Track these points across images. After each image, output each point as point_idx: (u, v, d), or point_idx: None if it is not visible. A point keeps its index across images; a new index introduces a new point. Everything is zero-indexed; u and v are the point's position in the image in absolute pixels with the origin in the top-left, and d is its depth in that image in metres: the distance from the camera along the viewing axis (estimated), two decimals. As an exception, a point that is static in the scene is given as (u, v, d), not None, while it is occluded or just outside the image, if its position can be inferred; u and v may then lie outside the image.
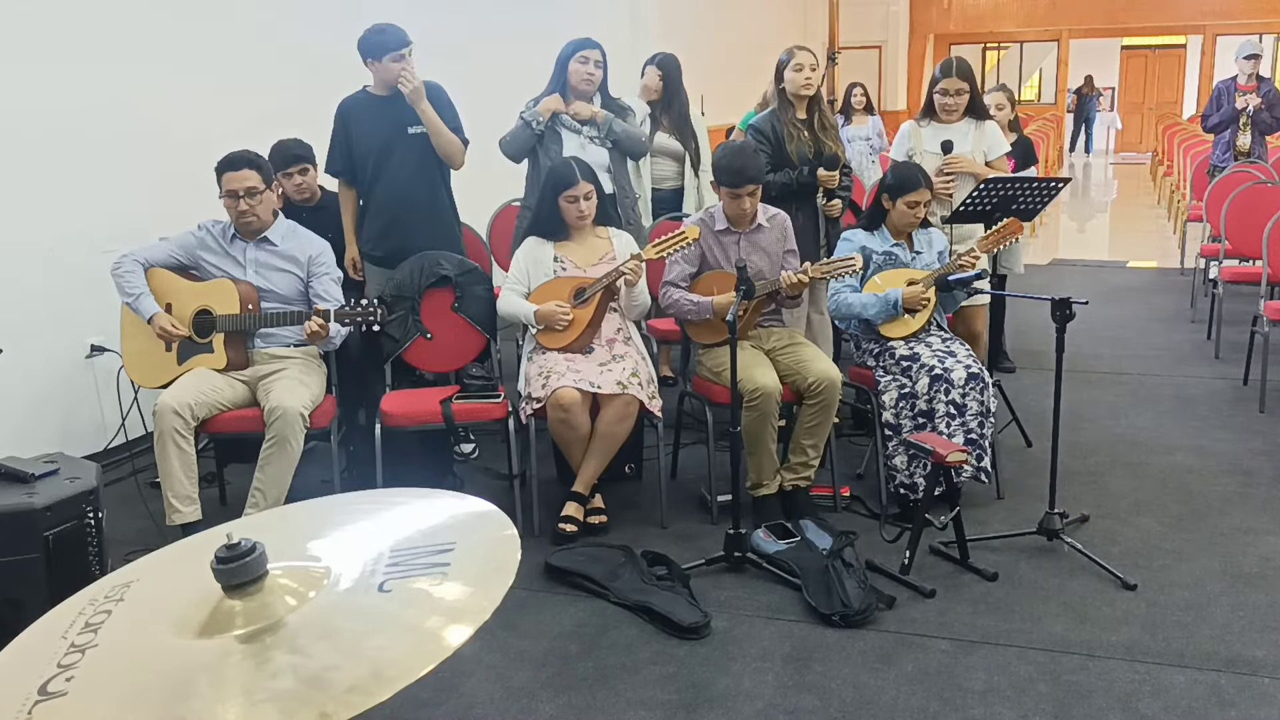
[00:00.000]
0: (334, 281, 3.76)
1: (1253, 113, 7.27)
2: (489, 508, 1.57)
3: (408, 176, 4.09)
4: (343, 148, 4.14)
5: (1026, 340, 6.12)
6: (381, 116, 4.06)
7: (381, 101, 4.06)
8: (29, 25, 4.10)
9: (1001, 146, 4.66)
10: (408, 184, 4.09)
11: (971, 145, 4.56)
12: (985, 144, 4.59)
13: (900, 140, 4.72)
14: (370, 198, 4.16)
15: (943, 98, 4.55)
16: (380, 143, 4.07)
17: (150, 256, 3.69)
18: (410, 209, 4.11)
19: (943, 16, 17.74)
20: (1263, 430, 4.60)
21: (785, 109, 4.34)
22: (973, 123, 4.60)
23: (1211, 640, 2.90)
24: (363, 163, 4.11)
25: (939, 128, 4.59)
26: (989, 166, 4.57)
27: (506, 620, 3.09)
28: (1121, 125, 21.86)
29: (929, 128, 4.62)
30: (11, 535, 2.62)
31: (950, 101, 4.54)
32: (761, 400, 3.55)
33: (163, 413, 3.36)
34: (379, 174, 4.10)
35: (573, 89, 4.35)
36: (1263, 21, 15.90)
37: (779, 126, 4.30)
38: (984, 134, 4.60)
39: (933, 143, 4.56)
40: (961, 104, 4.55)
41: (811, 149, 4.26)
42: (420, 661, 1.21)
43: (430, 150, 4.07)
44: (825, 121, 4.38)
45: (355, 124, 4.10)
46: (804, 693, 2.71)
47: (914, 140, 4.62)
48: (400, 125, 4.04)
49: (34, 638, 1.45)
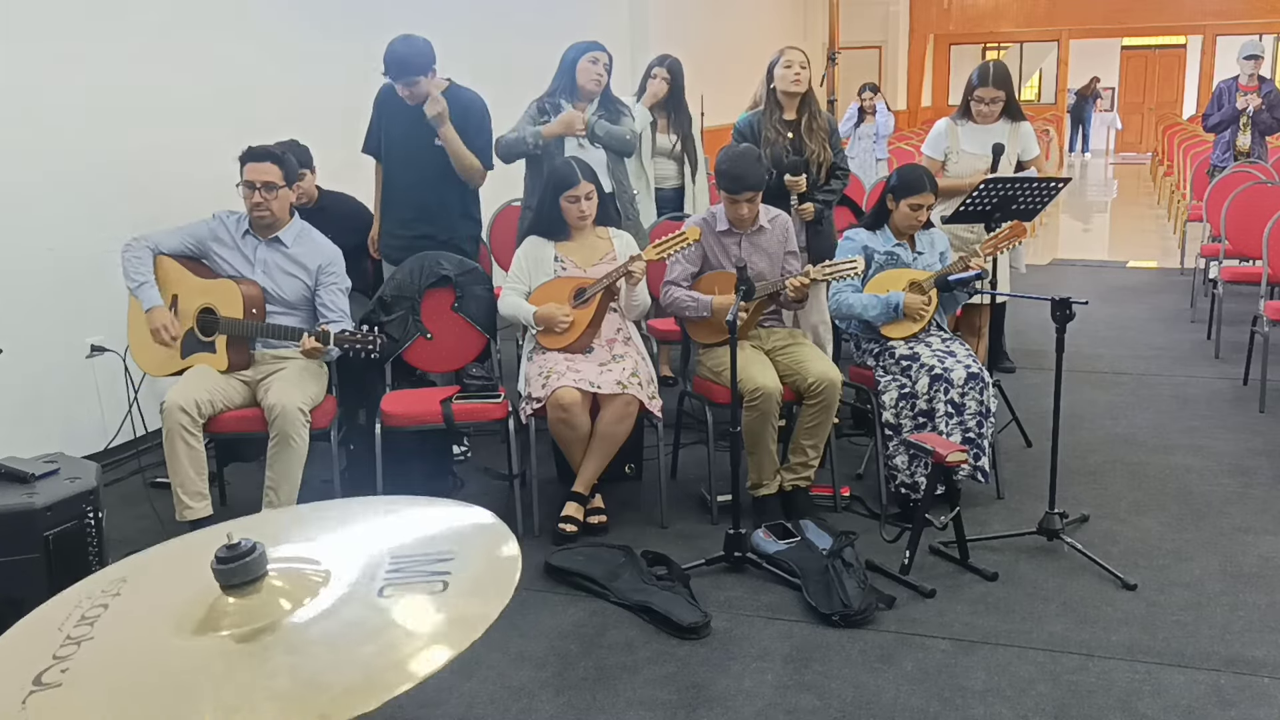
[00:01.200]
0: (341, 292, 3.74)
1: (1253, 113, 7.27)
2: (491, 519, 1.57)
3: (424, 187, 4.09)
4: (376, 131, 4.19)
5: (1026, 340, 6.12)
6: (408, 121, 4.05)
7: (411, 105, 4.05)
8: (29, 25, 4.10)
9: (1035, 148, 4.77)
10: (421, 193, 4.10)
11: (1008, 146, 4.67)
12: (1021, 145, 4.72)
13: (936, 138, 4.78)
14: (391, 189, 4.18)
15: (979, 105, 4.68)
16: (402, 147, 4.09)
17: (161, 242, 3.67)
18: (421, 218, 4.11)
19: (943, 16, 17.74)
20: (1263, 430, 4.60)
21: (772, 110, 4.34)
22: (1009, 123, 4.72)
23: (1211, 640, 2.90)
24: (389, 153, 4.17)
25: (974, 128, 4.68)
26: (1023, 166, 4.69)
27: (506, 620, 3.06)
28: (1121, 125, 21.86)
29: (965, 128, 4.71)
30: (11, 535, 2.62)
31: (987, 109, 4.67)
32: (762, 400, 3.56)
33: (170, 410, 3.36)
34: (397, 176, 4.13)
35: (581, 89, 4.36)
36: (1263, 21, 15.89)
37: (758, 128, 4.31)
38: (1019, 135, 4.72)
39: (970, 143, 4.66)
40: (997, 110, 4.68)
41: (789, 152, 4.25)
42: (415, 669, 1.21)
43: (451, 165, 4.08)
44: (816, 123, 4.37)
45: (387, 112, 4.12)
46: (804, 692, 2.71)
47: (951, 139, 4.72)
48: (426, 136, 4.02)
49: (30, 629, 1.45)
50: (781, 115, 4.32)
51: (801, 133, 4.32)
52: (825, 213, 4.40)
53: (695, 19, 10.59)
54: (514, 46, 7.06)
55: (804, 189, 4.24)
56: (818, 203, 4.31)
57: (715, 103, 8.68)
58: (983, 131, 4.67)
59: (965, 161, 4.62)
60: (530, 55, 5.44)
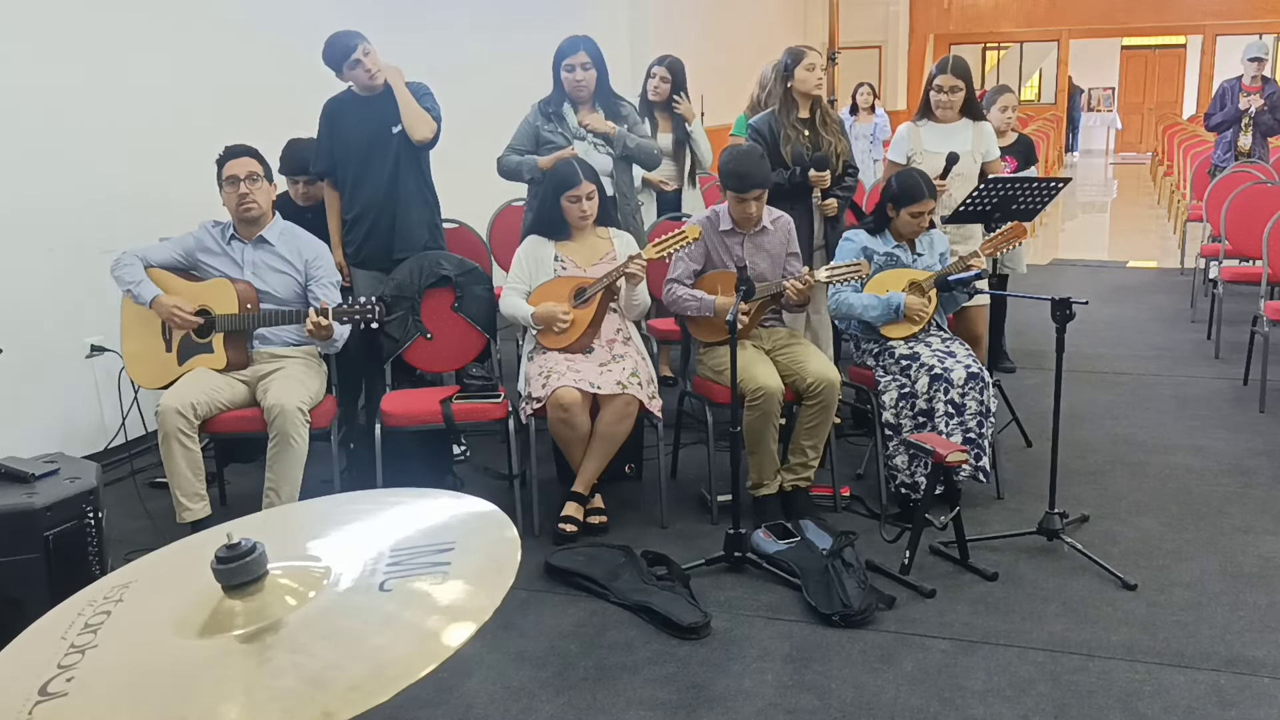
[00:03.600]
0: (333, 285, 3.76)
1: (1255, 114, 7.27)
2: (489, 508, 1.57)
3: (391, 175, 4.06)
4: (326, 149, 4.11)
5: (1026, 340, 6.12)
6: (365, 115, 4.04)
7: (365, 101, 4.04)
8: (30, 26, 4.10)
9: (996, 150, 4.67)
10: (391, 183, 4.07)
11: (971, 145, 4.55)
12: (983, 145, 4.59)
13: (899, 142, 4.70)
14: (354, 199, 4.10)
15: (938, 94, 4.52)
16: (364, 141, 4.04)
17: (150, 256, 3.68)
18: (393, 209, 4.08)
19: (943, 16, 17.73)
20: (1263, 430, 4.60)
21: (788, 109, 4.33)
22: (969, 123, 4.59)
23: (1211, 640, 2.90)
24: (344, 162, 4.07)
25: (936, 127, 4.58)
26: (986, 167, 4.57)
27: (506, 620, 3.09)
28: (1121, 125, 21.86)
29: (926, 128, 4.61)
30: (11, 535, 2.63)
31: (945, 98, 4.52)
32: (764, 400, 3.56)
33: (165, 413, 3.37)
34: (363, 174, 4.07)
35: (571, 96, 4.35)
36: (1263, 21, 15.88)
37: (776, 127, 4.30)
38: (981, 135, 4.60)
39: (933, 142, 4.55)
40: (957, 101, 4.53)
41: (810, 149, 4.25)
42: (421, 661, 1.21)
43: (413, 147, 4.05)
44: (828, 119, 4.37)
45: (339, 123, 4.08)
46: (804, 693, 2.71)
47: (913, 142, 4.60)
48: (384, 123, 4.01)
49: (33, 638, 1.45)
50: (797, 114, 4.32)
51: (817, 128, 4.32)
52: (843, 210, 4.40)
53: (695, 19, 10.59)
54: (513, 46, 7.06)
55: (828, 184, 4.24)
56: (838, 198, 4.32)
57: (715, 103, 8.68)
58: (945, 131, 4.56)
59: (930, 161, 4.51)
60: (530, 55, 5.42)
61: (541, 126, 4.29)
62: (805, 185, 4.22)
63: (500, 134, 4.39)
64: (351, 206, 4.12)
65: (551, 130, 4.28)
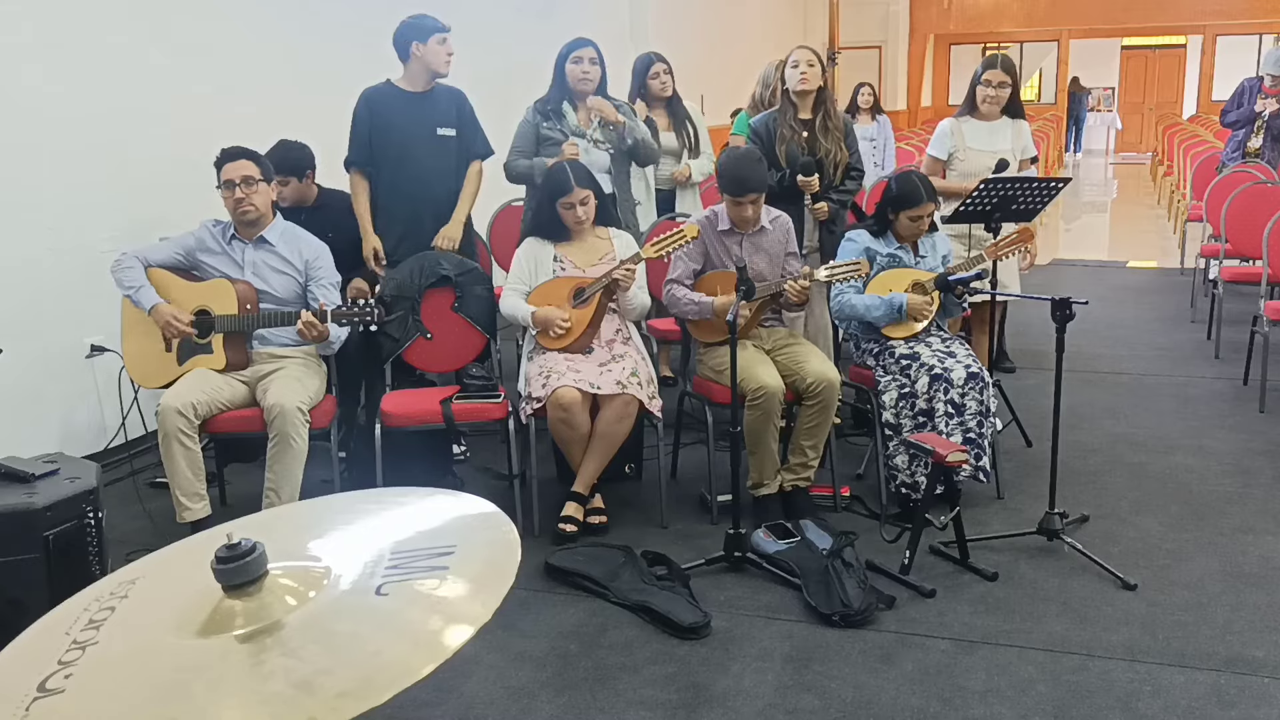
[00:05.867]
0: (332, 286, 3.75)
1: (1269, 117, 7.28)
2: (489, 508, 1.56)
3: (432, 178, 4.07)
4: (364, 138, 4.09)
5: (1026, 340, 6.12)
6: (410, 113, 4.02)
7: (410, 97, 4.02)
8: (30, 26, 4.10)
9: (1033, 147, 4.79)
10: (431, 185, 4.08)
11: (1010, 143, 4.69)
12: (1021, 143, 4.74)
13: (941, 138, 4.77)
14: (390, 196, 4.10)
15: (986, 88, 4.65)
16: (405, 139, 4.03)
17: (150, 256, 3.68)
18: (432, 211, 4.10)
19: (943, 16, 17.74)
20: (1263, 430, 4.60)
21: (787, 109, 4.33)
22: (1009, 121, 4.74)
23: (1211, 640, 2.90)
24: (382, 156, 4.06)
25: (978, 124, 4.67)
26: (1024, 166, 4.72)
27: (506, 620, 3.09)
28: (1121, 125, 21.86)
29: (969, 124, 4.70)
30: (11, 535, 2.62)
31: (993, 93, 4.64)
32: (765, 399, 3.56)
33: (165, 413, 3.36)
34: (400, 172, 4.06)
35: (572, 89, 4.34)
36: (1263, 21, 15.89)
37: (773, 127, 4.31)
38: (1020, 133, 4.74)
39: (975, 139, 4.68)
40: (1004, 97, 4.66)
41: (805, 152, 4.24)
42: (415, 666, 1.20)
43: (455, 155, 4.07)
44: (831, 122, 4.34)
45: (380, 116, 4.06)
46: (804, 693, 2.71)
47: (956, 138, 4.71)
48: (429, 125, 4.00)
49: (38, 634, 1.45)
50: (796, 115, 4.31)
51: (816, 132, 4.30)
52: (840, 213, 4.38)
53: (695, 19, 10.60)
54: (513, 47, 7.06)
55: (816, 189, 4.22)
56: (832, 202, 4.31)
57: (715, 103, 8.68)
58: (987, 128, 4.68)
59: (973, 159, 4.62)
60: (530, 56, 5.43)
61: (541, 125, 4.30)
62: (794, 188, 4.21)
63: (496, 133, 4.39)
64: (389, 203, 4.11)
65: (551, 127, 4.28)
